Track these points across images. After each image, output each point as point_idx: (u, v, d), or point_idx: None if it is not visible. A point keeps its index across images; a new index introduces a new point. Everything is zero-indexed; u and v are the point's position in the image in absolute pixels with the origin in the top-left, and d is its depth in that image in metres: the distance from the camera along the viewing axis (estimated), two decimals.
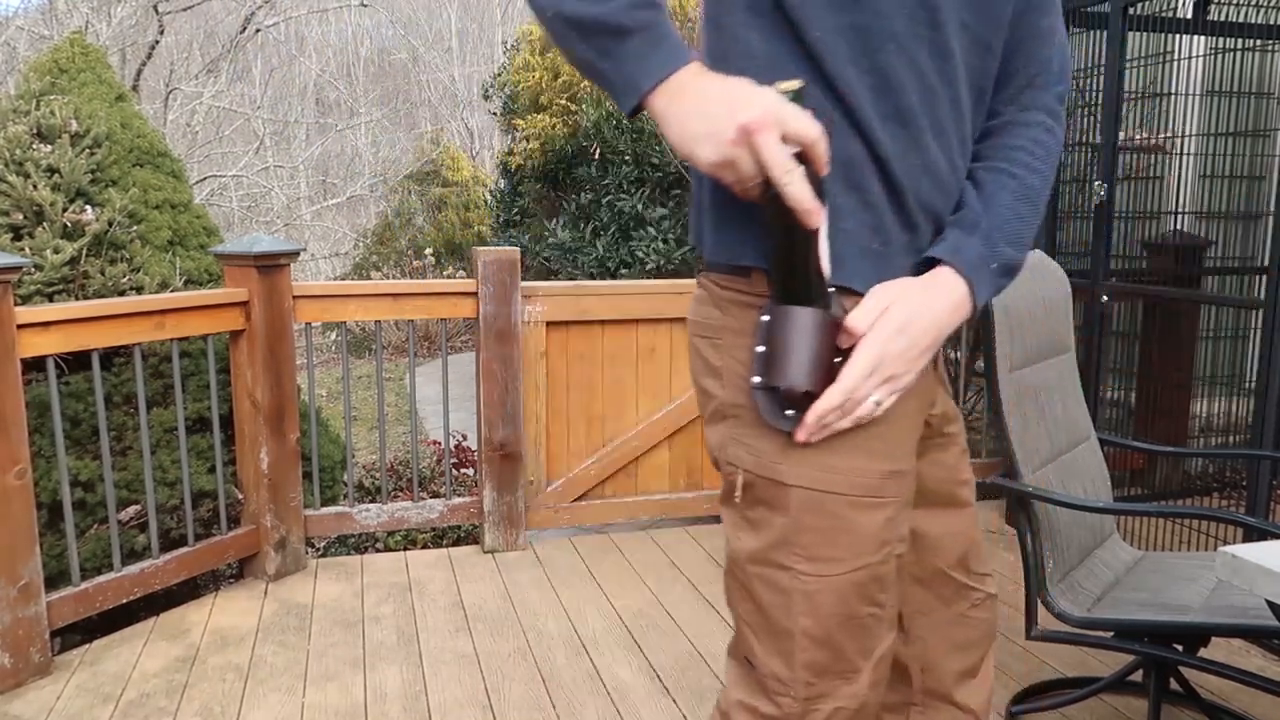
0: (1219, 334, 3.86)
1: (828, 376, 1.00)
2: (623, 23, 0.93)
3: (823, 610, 1.06)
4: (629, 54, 0.94)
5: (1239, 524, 2.29)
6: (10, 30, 10.11)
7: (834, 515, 1.05)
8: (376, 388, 3.36)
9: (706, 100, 0.93)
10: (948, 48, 1.03)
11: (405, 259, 11.88)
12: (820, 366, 1.00)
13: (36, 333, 2.48)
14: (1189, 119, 3.62)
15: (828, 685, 1.08)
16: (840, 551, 1.05)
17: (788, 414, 1.03)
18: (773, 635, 1.09)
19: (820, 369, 1.00)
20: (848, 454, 1.04)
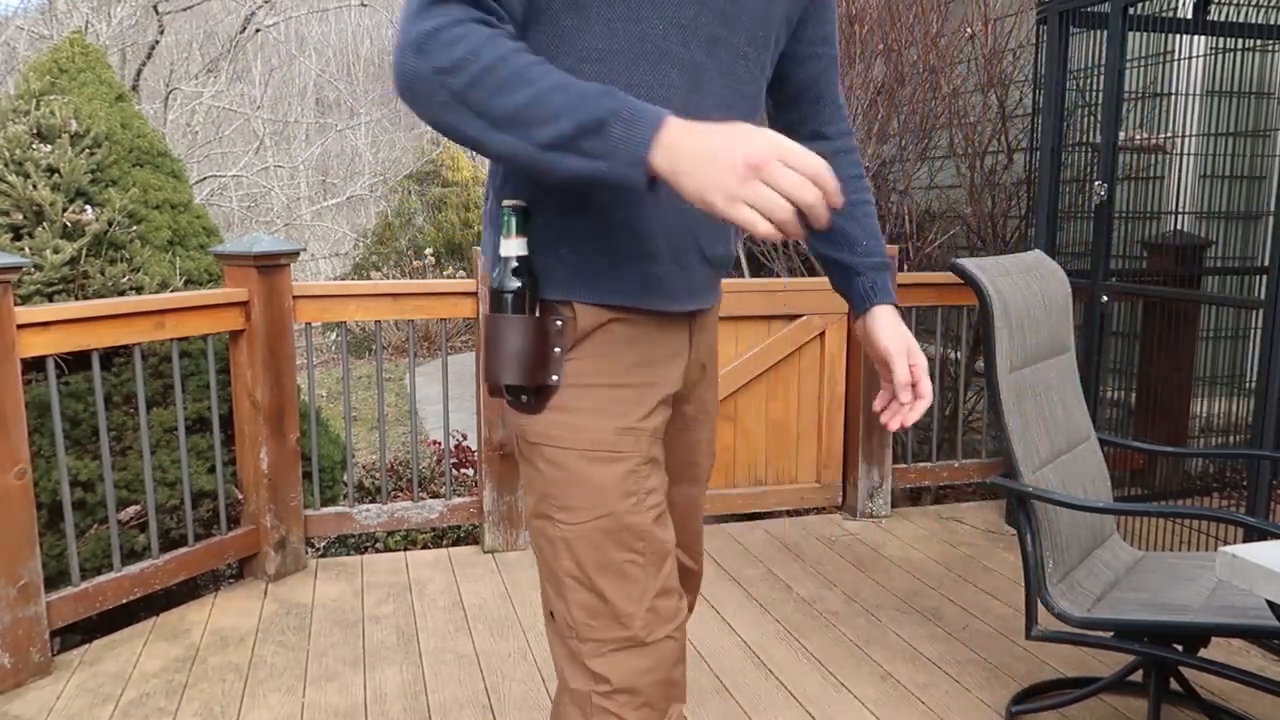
0: (1219, 334, 3.86)
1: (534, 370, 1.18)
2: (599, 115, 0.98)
3: (579, 556, 1.20)
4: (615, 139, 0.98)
5: (1239, 524, 2.29)
6: (10, 30, 10.11)
7: (570, 468, 1.20)
8: (376, 388, 3.35)
9: (706, 152, 0.97)
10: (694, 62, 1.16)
11: (405, 259, 11.88)
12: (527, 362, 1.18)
13: (36, 333, 2.48)
14: (1189, 119, 3.62)
15: (602, 626, 1.21)
16: (581, 501, 1.20)
17: (522, 399, 1.21)
18: (553, 582, 1.24)
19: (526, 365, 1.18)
20: (579, 414, 1.20)
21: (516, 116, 1.00)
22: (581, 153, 0.99)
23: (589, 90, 1.00)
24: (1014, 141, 4.35)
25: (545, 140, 1.00)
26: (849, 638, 2.76)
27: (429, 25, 1.02)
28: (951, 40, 4.48)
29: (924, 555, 3.39)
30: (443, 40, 1.01)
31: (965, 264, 2.14)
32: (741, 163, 0.95)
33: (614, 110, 0.98)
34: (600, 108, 0.99)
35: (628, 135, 0.98)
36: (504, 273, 1.18)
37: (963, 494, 4.29)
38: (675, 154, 0.98)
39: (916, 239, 4.60)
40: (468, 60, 1.00)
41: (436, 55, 1.01)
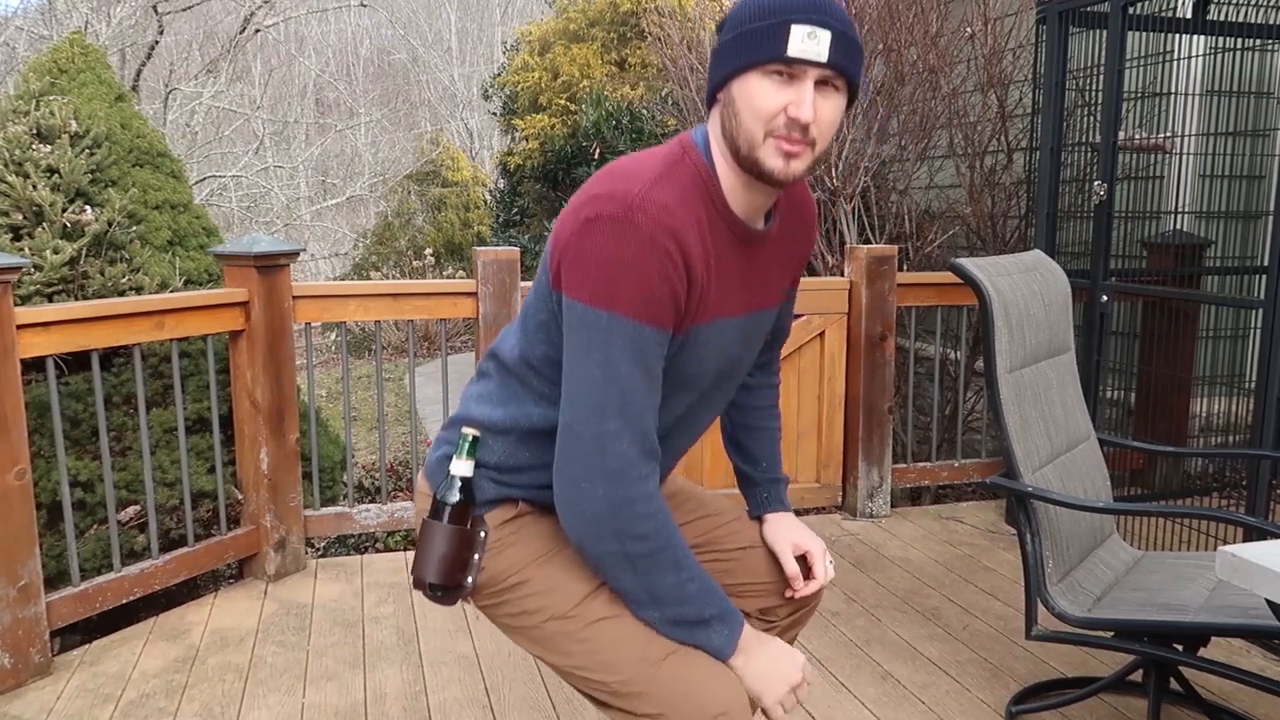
0: (1219, 334, 3.86)
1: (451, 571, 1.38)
2: (714, 613, 1.31)
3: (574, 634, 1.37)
4: (714, 632, 1.31)
5: (1239, 524, 2.29)
6: (10, 30, 10.11)
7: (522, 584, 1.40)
8: (376, 388, 3.36)
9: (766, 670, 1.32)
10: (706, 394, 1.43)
11: (405, 259, 11.89)
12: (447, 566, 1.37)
13: (36, 333, 2.48)
14: (1189, 119, 3.62)
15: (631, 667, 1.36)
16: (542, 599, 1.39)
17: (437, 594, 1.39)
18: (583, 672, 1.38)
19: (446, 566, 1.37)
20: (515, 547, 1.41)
21: (664, 593, 1.29)
22: (689, 634, 1.30)
23: (713, 588, 1.31)
24: (1014, 141, 4.35)
25: (672, 617, 1.29)
26: (849, 638, 2.76)
27: (631, 493, 1.25)
28: (951, 40, 4.48)
29: (924, 555, 3.39)
30: (638, 513, 1.26)
31: (965, 264, 2.14)
32: (793, 682, 1.33)
33: (722, 613, 1.31)
34: (715, 608, 1.30)
35: (722, 632, 1.31)
36: (449, 488, 1.38)
37: (963, 494, 4.29)
38: (748, 657, 1.31)
39: (916, 239, 4.60)
40: (648, 537, 1.26)
41: (627, 521, 1.25)
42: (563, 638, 1.36)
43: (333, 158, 17.30)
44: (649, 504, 1.26)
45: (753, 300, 1.40)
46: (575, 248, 1.22)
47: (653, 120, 7.51)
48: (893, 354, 3.68)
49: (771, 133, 1.23)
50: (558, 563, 1.39)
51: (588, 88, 8.77)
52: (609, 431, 1.24)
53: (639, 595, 1.29)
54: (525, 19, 17.37)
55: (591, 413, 1.24)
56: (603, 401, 1.23)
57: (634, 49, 9.40)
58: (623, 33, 9.56)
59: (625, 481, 1.24)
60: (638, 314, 1.21)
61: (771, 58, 1.20)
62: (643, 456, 1.26)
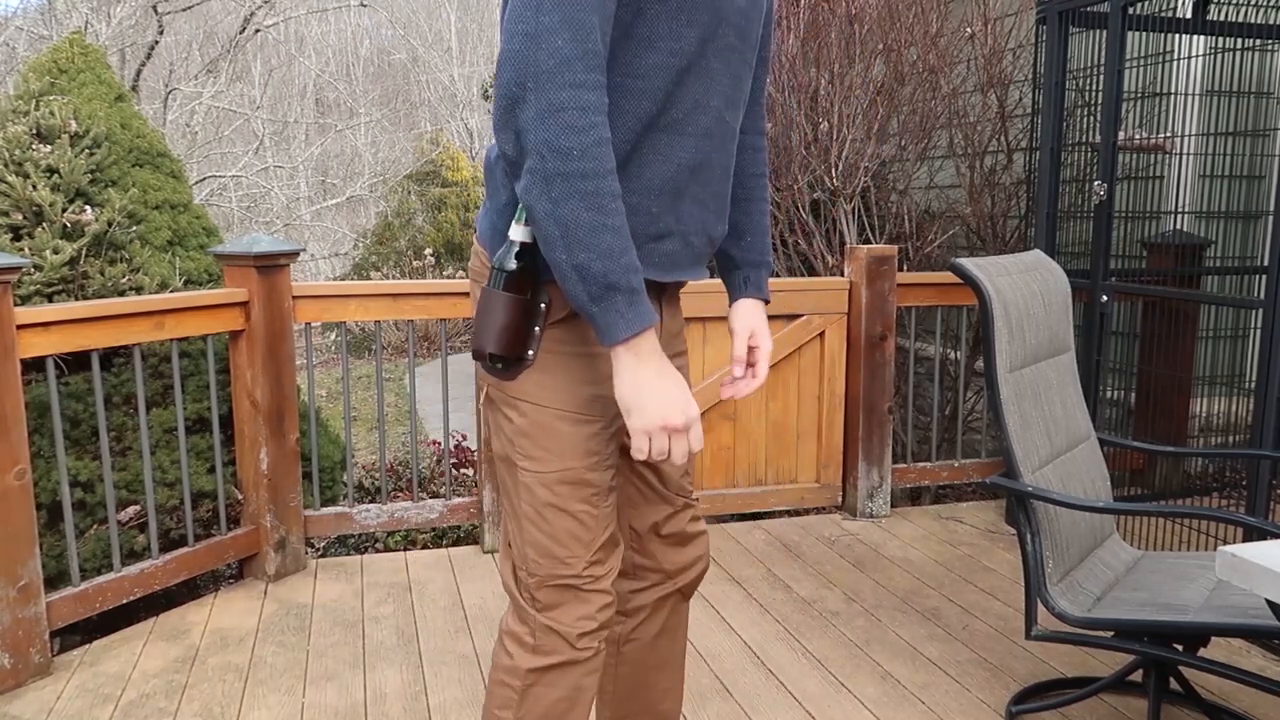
0: (1219, 334, 3.86)
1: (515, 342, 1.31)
2: (616, 282, 1.17)
3: (538, 499, 1.37)
4: (613, 306, 1.18)
5: (1239, 524, 2.29)
6: (10, 30, 10.11)
7: (543, 423, 1.36)
8: (376, 388, 3.35)
9: (651, 385, 1.21)
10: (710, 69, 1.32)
11: (405, 259, 11.88)
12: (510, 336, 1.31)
13: (36, 333, 2.48)
14: (1189, 119, 3.62)
15: (549, 564, 1.39)
16: (548, 453, 1.36)
17: (497, 366, 1.35)
18: (513, 518, 1.42)
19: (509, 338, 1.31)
20: (557, 375, 1.35)
21: (572, 230, 1.15)
22: (586, 293, 1.17)
23: (627, 253, 1.18)
24: (1014, 141, 4.35)
25: (576, 262, 1.16)
26: (849, 638, 2.76)
27: (560, 98, 1.12)
28: (951, 40, 4.48)
29: (924, 555, 3.39)
30: (566, 124, 1.13)
31: (965, 264, 2.14)
32: (664, 419, 1.21)
33: (630, 286, 1.18)
34: (623, 277, 1.17)
35: (621, 311, 1.18)
36: (507, 253, 1.29)
37: (963, 494, 4.29)
38: (635, 360, 1.20)
39: (916, 239, 4.60)
40: (571, 154, 1.13)
41: (552, 132, 1.13)
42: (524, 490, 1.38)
43: (333, 158, 17.30)
44: (581, 116, 1.12)
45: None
46: None
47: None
48: (893, 354, 3.68)
49: None
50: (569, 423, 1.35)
51: None
52: (544, 26, 1.11)
53: (549, 229, 1.16)
54: None
55: (526, 5, 1.12)
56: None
57: None
58: None
59: (556, 84, 1.11)
60: None
61: None
62: (582, 58, 1.12)
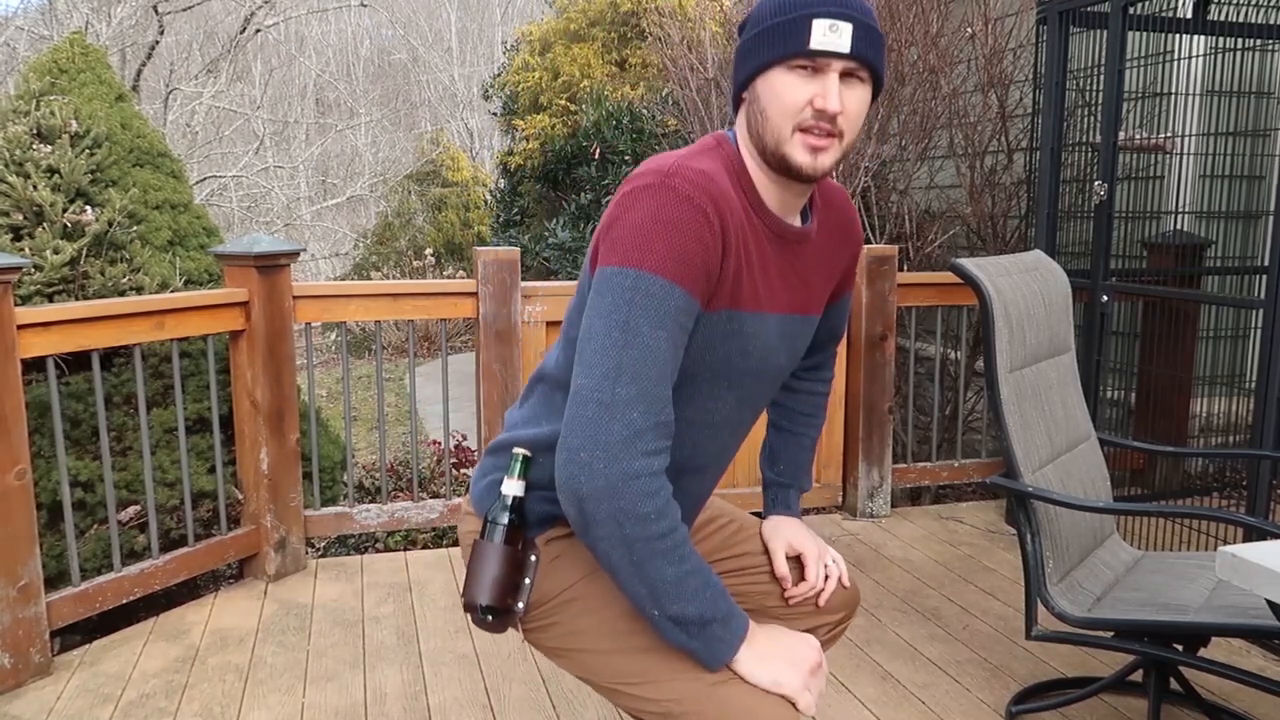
0: (1219, 334, 3.86)
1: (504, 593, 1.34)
2: (709, 617, 1.21)
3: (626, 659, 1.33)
4: (712, 635, 1.22)
5: (1239, 524, 2.29)
6: (10, 30, 10.11)
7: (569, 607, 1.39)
8: (376, 388, 3.36)
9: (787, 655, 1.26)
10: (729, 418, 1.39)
11: (405, 259, 11.89)
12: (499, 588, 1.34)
13: (36, 333, 2.48)
14: (1189, 119, 3.62)
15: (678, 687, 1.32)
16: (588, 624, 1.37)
17: (488, 619, 1.37)
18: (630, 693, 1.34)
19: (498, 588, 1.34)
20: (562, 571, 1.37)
21: (661, 586, 1.19)
22: (687, 633, 1.21)
23: (714, 586, 1.22)
24: (1014, 141, 4.35)
25: (671, 614, 1.20)
26: (849, 638, 2.76)
27: (634, 467, 1.16)
28: (951, 40, 4.48)
29: (924, 555, 3.39)
30: (640, 490, 1.16)
31: (965, 264, 2.14)
32: (811, 663, 1.27)
33: (724, 613, 1.22)
34: (715, 609, 1.21)
35: (721, 636, 1.22)
36: (500, 508, 1.34)
37: (963, 494, 4.29)
38: (754, 651, 1.24)
39: (916, 239, 4.60)
40: (649, 519, 1.17)
41: (628, 500, 1.16)
42: (616, 655, 1.30)
43: (333, 158, 17.30)
44: (653, 482, 1.17)
45: (794, 301, 1.36)
46: (611, 220, 1.20)
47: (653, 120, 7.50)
48: (893, 354, 3.68)
49: (799, 126, 1.22)
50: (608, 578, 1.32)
51: (588, 88, 8.76)
52: (620, 398, 1.15)
53: (636, 588, 1.19)
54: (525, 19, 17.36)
55: (604, 376, 1.15)
56: (619, 365, 1.15)
57: (634, 49, 9.39)
58: (623, 33, 9.55)
59: (630, 454, 1.15)
60: (667, 271, 1.15)
61: (795, 52, 1.21)
62: (653, 429, 1.17)
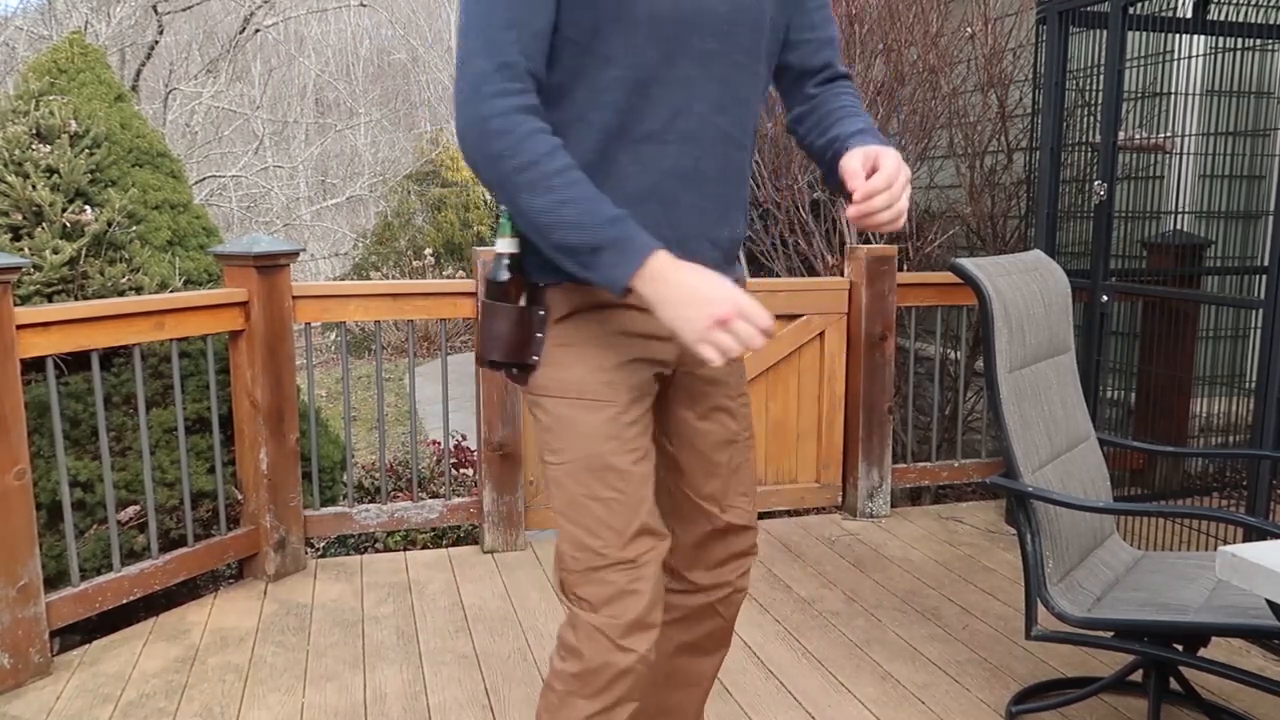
0: (1219, 334, 3.86)
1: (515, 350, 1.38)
2: (597, 243, 1.23)
3: (568, 492, 1.39)
4: (605, 263, 1.24)
5: (1239, 524, 2.29)
6: (9, 30, 10.11)
7: (560, 414, 1.39)
8: (376, 388, 3.35)
9: (681, 296, 1.23)
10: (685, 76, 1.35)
11: (405, 259, 11.88)
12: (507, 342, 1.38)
13: (36, 333, 2.48)
14: (1189, 119, 3.62)
15: (586, 557, 1.39)
16: (569, 442, 1.39)
17: (513, 372, 1.41)
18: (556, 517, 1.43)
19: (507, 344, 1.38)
20: (565, 367, 1.39)
21: (538, 218, 1.24)
22: (579, 263, 1.25)
23: (596, 213, 1.24)
24: (1014, 141, 4.35)
25: (554, 244, 1.25)
26: (849, 638, 2.76)
27: (481, 110, 1.24)
28: (951, 40, 4.48)
29: (924, 555, 3.39)
30: (490, 130, 1.24)
31: (965, 264, 2.14)
32: (711, 316, 1.20)
33: (611, 240, 1.23)
34: (599, 236, 1.23)
35: (614, 263, 1.23)
36: (496, 266, 1.38)
37: (963, 494, 4.29)
38: (656, 286, 1.23)
39: (916, 239, 4.60)
40: (505, 155, 1.24)
41: (483, 142, 1.24)
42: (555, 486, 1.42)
43: (333, 158, 17.29)
44: (505, 120, 1.24)
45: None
46: None
47: None
48: (893, 354, 3.68)
49: None
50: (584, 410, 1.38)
51: None
52: (467, 53, 1.25)
53: (524, 226, 1.28)
54: None
55: (459, 45, 1.27)
56: (465, 25, 1.26)
57: None
58: None
59: (479, 99, 1.24)
60: None
61: None
62: (498, 71, 1.24)
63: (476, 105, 1.24)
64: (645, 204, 1.36)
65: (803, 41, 1.52)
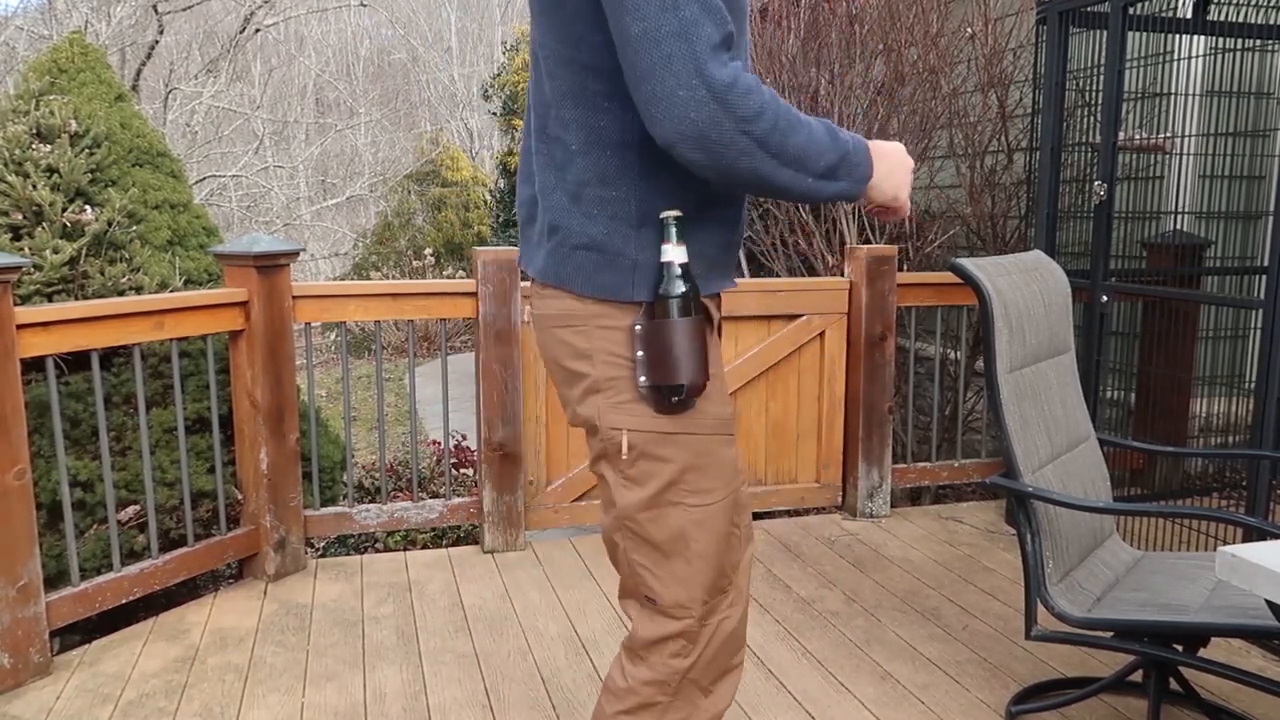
0: (1219, 334, 3.86)
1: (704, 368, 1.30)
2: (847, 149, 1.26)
3: (709, 533, 1.34)
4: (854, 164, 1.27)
5: (1239, 524, 2.29)
6: (10, 30, 10.11)
7: (709, 453, 1.34)
8: (376, 388, 3.36)
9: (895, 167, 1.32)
10: None
11: (405, 259, 11.89)
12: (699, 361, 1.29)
13: (36, 333, 2.48)
14: (1189, 119, 3.62)
15: (716, 599, 1.37)
16: (715, 482, 1.34)
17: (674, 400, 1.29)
18: (670, 567, 1.34)
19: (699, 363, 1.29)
20: (712, 399, 1.34)
21: (801, 155, 1.21)
22: (837, 179, 1.25)
23: (832, 129, 1.26)
24: (1014, 141, 4.35)
25: (819, 171, 1.23)
26: (849, 638, 2.76)
27: (726, 76, 1.14)
28: (951, 40, 4.48)
29: (924, 555, 3.39)
30: (740, 90, 1.15)
31: (965, 264, 2.14)
32: (909, 173, 1.34)
33: (854, 145, 1.27)
34: (844, 144, 1.25)
35: (862, 162, 1.27)
36: (669, 279, 1.26)
37: (963, 494, 4.29)
38: (880, 170, 1.29)
39: (916, 239, 4.60)
40: (765, 109, 1.17)
41: (739, 105, 1.14)
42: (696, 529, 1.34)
43: (333, 157, 17.29)
44: (746, 79, 1.16)
45: None
46: None
47: None
48: (893, 354, 3.68)
49: None
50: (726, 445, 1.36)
51: None
52: (687, 19, 1.12)
53: (783, 175, 1.20)
54: (525, 19, 17.36)
55: (661, 8, 1.11)
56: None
57: None
58: None
59: (719, 66, 1.13)
60: None
61: None
62: (724, 38, 1.15)
63: (721, 72, 1.13)
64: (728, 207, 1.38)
65: None
